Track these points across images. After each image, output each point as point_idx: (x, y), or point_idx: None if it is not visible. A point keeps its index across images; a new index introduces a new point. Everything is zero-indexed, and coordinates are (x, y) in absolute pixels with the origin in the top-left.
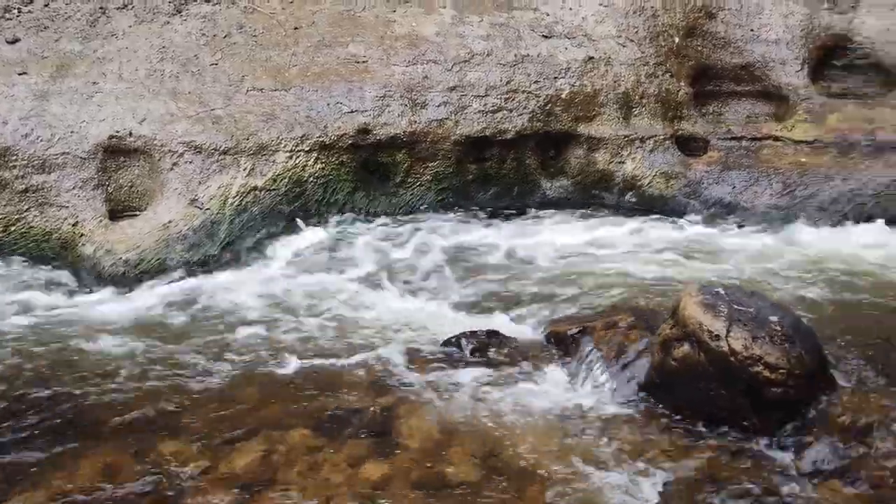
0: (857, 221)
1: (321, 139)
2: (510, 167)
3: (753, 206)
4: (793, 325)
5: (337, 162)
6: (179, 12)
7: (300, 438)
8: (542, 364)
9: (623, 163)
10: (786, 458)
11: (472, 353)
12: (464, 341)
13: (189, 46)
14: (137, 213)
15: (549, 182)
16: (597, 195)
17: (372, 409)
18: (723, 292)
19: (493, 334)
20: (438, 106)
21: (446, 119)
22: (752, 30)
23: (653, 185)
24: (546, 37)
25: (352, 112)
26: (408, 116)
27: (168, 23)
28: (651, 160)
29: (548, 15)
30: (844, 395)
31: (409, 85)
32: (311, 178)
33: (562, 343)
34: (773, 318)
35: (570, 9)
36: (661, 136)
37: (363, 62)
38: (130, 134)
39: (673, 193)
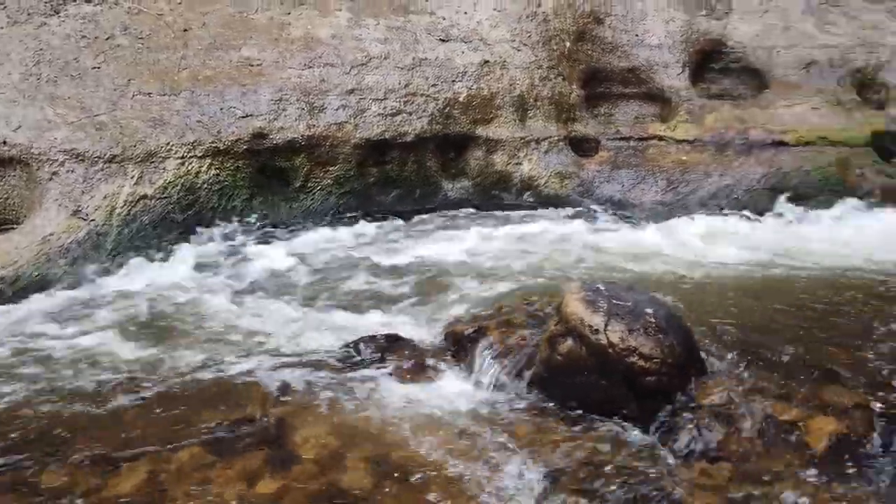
0: (732, 212)
1: (214, 144)
2: (411, 170)
3: (641, 203)
4: (666, 317)
5: (232, 168)
6: (57, 13)
7: (190, 456)
8: (440, 365)
9: (520, 164)
10: (661, 442)
11: (371, 357)
12: (362, 346)
13: (68, 49)
14: (14, 226)
15: (450, 184)
16: (497, 195)
17: (266, 420)
18: (603, 288)
19: (392, 338)
20: (337, 109)
21: (345, 122)
22: (636, 35)
23: (549, 185)
24: (443, 40)
25: (246, 116)
26: (305, 120)
27: (45, 24)
28: (546, 161)
29: (444, 19)
30: (713, 379)
31: (306, 88)
32: (205, 185)
33: (459, 344)
34: (649, 311)
35: (466, 13)
36: (556, 138)
37: (257, 65)
38: (4, 142)
39: (568, 193)
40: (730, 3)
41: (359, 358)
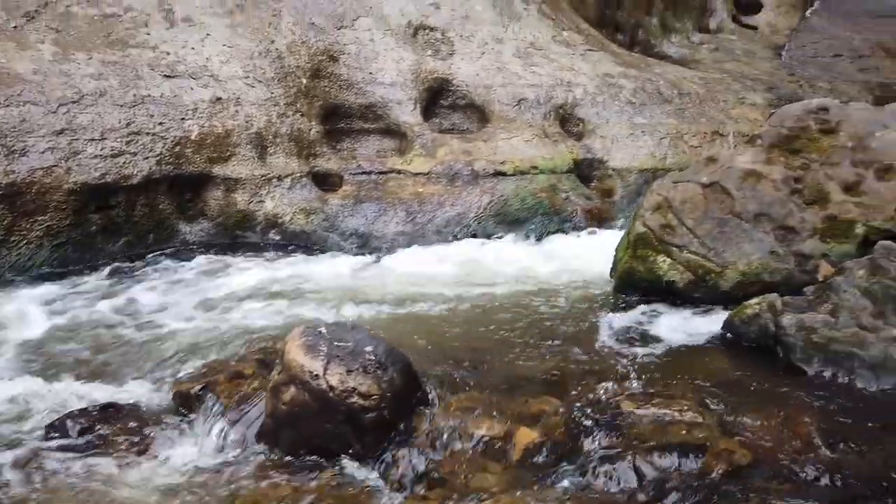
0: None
1: None
2: (142, 213)
3: (384, 235)
4: (386, 352)
5: None
6: None
7: None
8: (164, 432)
9: (263, 202)
10: (383, 475)
11: (81, 434)
12: (69, 423)
13: None
14: None
15: (188, 226)
16: (240, 235)
17: None
18: (325, 331)
19: (108, 408)
20: (43, 152)
21: (55, 166)
22: (370, 73)
23: (294, 221)
24: (169, 76)
25: None
26: (2, 166)
27: None
28: (290, 197)
29: (168, 54)
30: (433, 407)
31: (2, 130)
32: None
33: (187, 402)
34: (369, 349)
35: (193, 48)
36: (298, 174)
37: None
38: None
39: (313, 228)
40: (452, 46)
41: (65, 437)
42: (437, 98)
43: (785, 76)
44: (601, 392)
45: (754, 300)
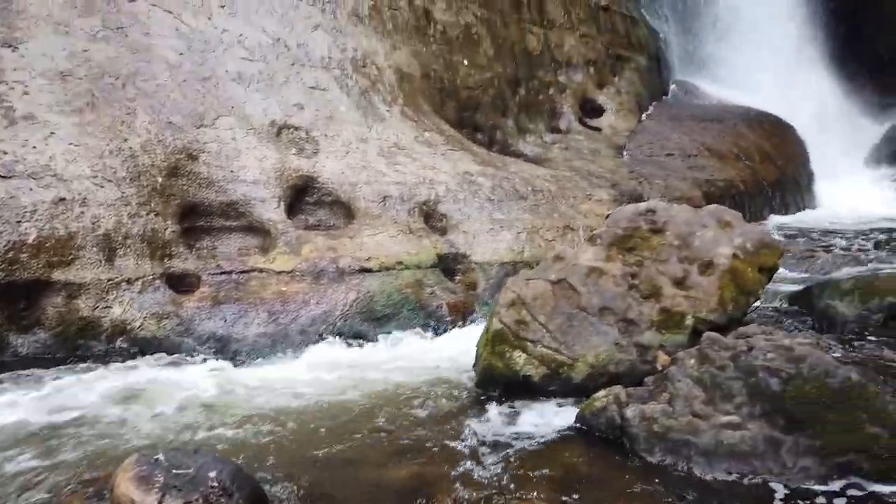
0: (329, 338)
1: None
2: None
3: (245, 338)
4: (232, 477)
5: None
6: None
7: None
8: None
9: (110, 307)
10: None
11: None
12: None
13: None
14: None
15: (21, 337)
16: (83, 345)
17: None
18: (162, 458)
19: None
20: None
21: None
22: (232, 171)
23: (145, 327)
24: (5, 177)
25: None
26: None
27: None
28: (141, 302)
29: (5, 153)
30: None
31: None
32: None
33: None
34: (212, 475)
35: (35, 147)
36: (151, 276)
37: None
38: None
39: (166, 333)
40: (317, 144)
41: None
42: (302, 195)
43: (626, 174)
44: (462, 499)
45: (602, 393)
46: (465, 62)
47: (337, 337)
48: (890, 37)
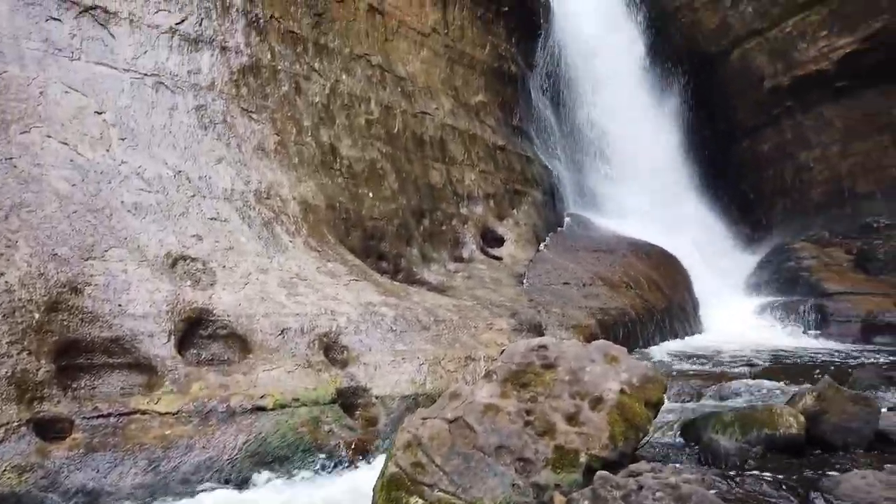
0: (214, 486)
1: None
2: None
3: (119, 490)
4: None
5: None
6: None
7: None
8: None
9: None
10: None
11: None
12: None
13: None
14: None
15: None
16: None
17: None
18: None
19: None
20: None
21: None
22: (120, 305)
23: (3, 482)
24: None
25: None
26: None
27: None
28: (2, 452)
29: None
30: None
31: None
32: None
33: None
34: None
35: None
36: (16, 423)
37: None
38: None
39: (27, 488)
40: (214, 276)
41: None
42: (196, 328)
43: (526, 302)
44: None
45: None
46: (371, 194)
47: (225, 484)
48: (751, 177)
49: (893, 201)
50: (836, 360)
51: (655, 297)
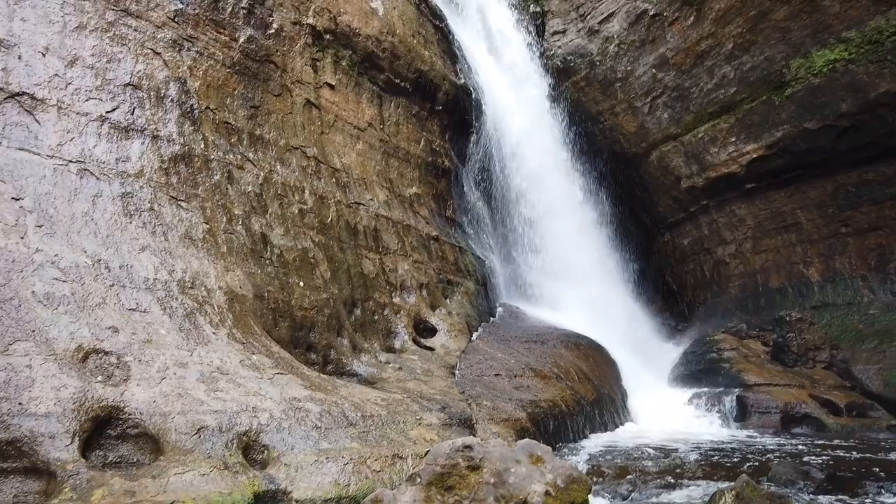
0: None
1: None
2: None
3: None
4: None
5: None
6: None
7: None
8: None
9: None
10: None
11: None
12: None
13: None
14: None
15: None
16: None
17: None
18: None
19: None
20: None
21: None
22: (20, 403)
23: None
24: None
25: None
26: None
27: None
28: None
29: None
30: None
31: None
32: None
33: None
34: None
35: None
36: None
37: None
38: None
39: None
40: (128, 371)
41: None
42: (104, 428)
43: (457, 395)
44: None
45: None
46: (301, 283)
47: None
48: (674, 270)
49: (803, 296)
50: (757, 451)
51: (585, 388)
